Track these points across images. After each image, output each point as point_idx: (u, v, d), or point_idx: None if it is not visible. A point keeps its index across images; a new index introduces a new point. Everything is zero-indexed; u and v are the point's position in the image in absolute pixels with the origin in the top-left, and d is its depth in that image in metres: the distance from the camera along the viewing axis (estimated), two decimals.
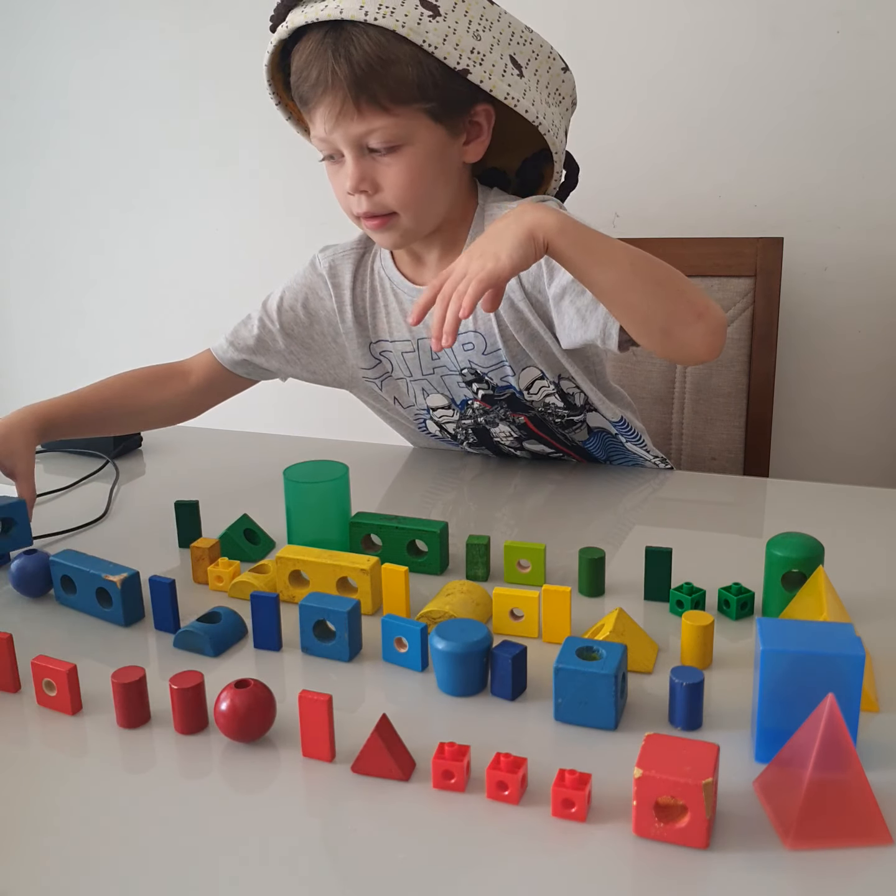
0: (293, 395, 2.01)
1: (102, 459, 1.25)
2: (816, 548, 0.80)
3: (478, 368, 1.14)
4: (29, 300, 2.21)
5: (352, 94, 0.97)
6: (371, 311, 1.20)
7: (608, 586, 0.89)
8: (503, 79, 1.02)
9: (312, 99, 1.01)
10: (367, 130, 1.00)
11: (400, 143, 1.01)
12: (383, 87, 0.97)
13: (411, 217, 1.05)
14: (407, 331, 1.17)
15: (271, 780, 0.65)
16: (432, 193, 1.05)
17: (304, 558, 0.86)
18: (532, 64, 1.06)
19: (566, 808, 0.59)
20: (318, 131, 1.03)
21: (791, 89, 1.53)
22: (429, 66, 0.98)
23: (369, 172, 1.03)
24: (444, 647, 0.71)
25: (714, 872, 0.55)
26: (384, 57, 0.96)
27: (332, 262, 1.21)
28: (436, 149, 1.03)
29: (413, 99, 0.99)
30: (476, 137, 1.07)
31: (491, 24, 1.02)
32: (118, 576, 0.84)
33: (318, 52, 0.98)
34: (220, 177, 1.93)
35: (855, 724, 0.61)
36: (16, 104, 2.04)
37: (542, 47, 1.08)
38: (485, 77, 1.00)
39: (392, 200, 1.04)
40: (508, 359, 1.12)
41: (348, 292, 1.19)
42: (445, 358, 1.16)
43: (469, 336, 1.13)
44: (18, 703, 0.74)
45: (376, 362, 1.21)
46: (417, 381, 1.21)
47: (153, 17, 1.87)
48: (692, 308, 0.93)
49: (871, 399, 1.63)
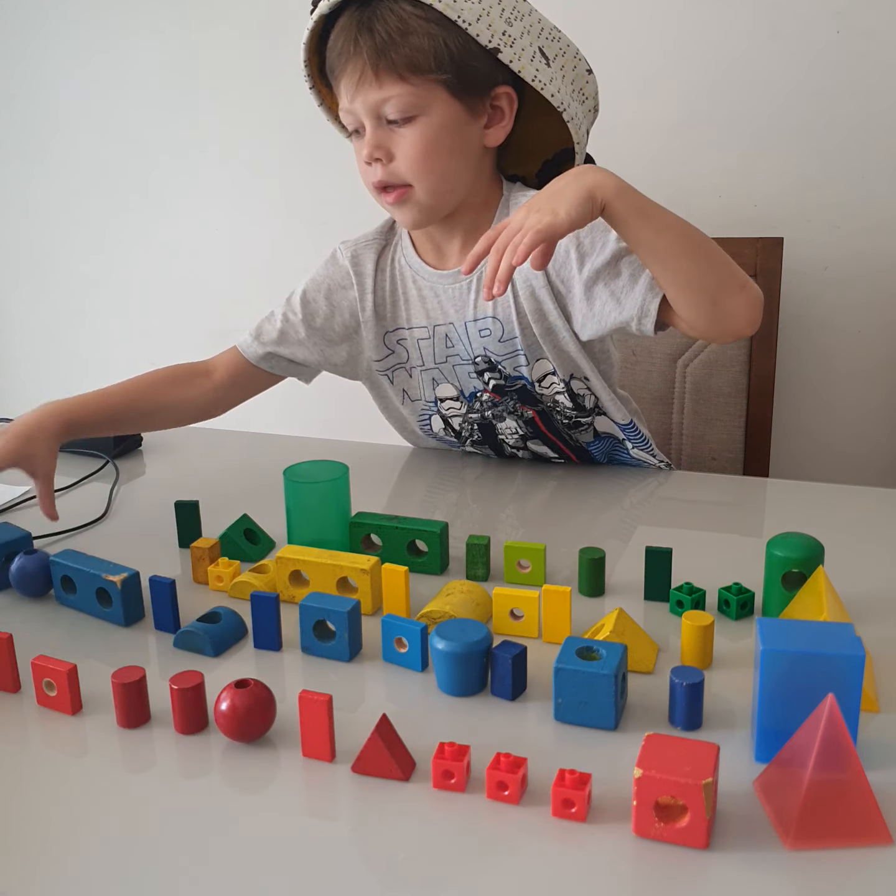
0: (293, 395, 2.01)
1: (102, 459, 1.25)
2: (816, 548, 0.80)
3: (492, 356, 1.15)
4: (29, 300, 2.21)
5: (371, 61, 1.00)
6: (391, 300, 1.21)
7: (608, 586, 0.89)
8: (531, 63, 1.04)
9: (338, 67, 1.04)
10: (383, 98, 1.02)
11: (415, 114, 1.03)
12: (401, 56, 1.00)
13: (425, 189, 1.07)
14: (424, 317, 1.18)
15: (271, 780, 0.65)
16: (447, 167, 1.06)
17: (305, 558, 0.86)
18: (559, 60, 1.09)
19: (566, 808, 0.59)
20: (343, 102, 1.06)
21: (791, 89, 1.53)
22: (448, 40, 1.00)
23: (385, 141, 1.05)
24: (444, 647, 0.71)
25: (714, 872, 0.55)
26: (404, 28, 0.99)
27: (354, 252, 1.22)
28: (451, 123, 1.05)
29: (429, 69, 1.01)
30: (498, 122, 1.08)
31: (522, 16, 1.05)
32: (118, 576, 0.84)
33: (347, 24, 1.02)
34: (220, 177, 1.93)
35: (855, 724, 0.61)
36: (16, 104, 2.04)
37: (570, 47, 1.11)
38: (514, 58, 1.03)
39: (405, 170, 1.06)
40: (524, 347, 1.13)
41: (370, 280, 1.20)
42: (460, 346, 1.17)
43: (487, 322, 1.14)
44: (18, 704, 0.74)
45: (389, 352, 1.22)
46: (428, 371, 1.21)
47: (153, 17, 1.87)
48: (736, 279, 0.96)
49: (871, 399, 1.63)
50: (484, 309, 1.13)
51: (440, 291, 1.16)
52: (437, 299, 1.17)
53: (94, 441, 1.28)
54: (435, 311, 1.17)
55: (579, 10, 1.57)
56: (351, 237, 1.24)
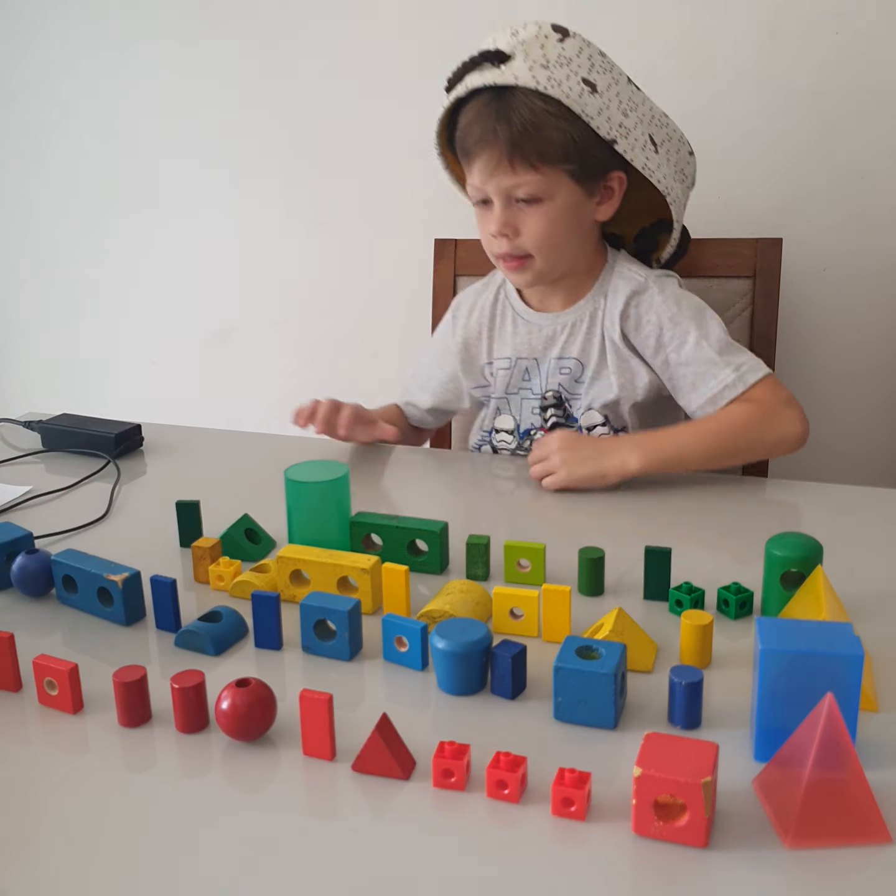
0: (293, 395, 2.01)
1: (104, 459, 1.25)
2: (815, 547, 0.80)
3: (563, 393, 1.28)
4: (29, 300, 2.21)
5: (507, 151, 1.13)
6: (487, 335, 1.33)
7: (608, 586, 0.89)
8: (643, 152, 1.18)
9: (473, 152, 1.16)
10: (516, 184, 1.15)
11: (542, 198, 1.16)
12: (535, 148, 1.13)
13: (544, 261, 1.21)
14: (511, 350, 1.31)
15: (272, 779, 0.65)
16: (565, 242, 1.20)
17: (305, 558, 0.87)
18: (666, 144, 1.23)
19: (566, 807, 0.59)
20: (474, 180, 1.19)
21: (790, 89, 1.53)
22: (575, 134, 1.13)
23: (513, 220, 1.18)
24: (445, 646, 0.71)
25: (713, 871, 0.56)
26: (537, 122, 1.12)
27: (456, 304, 1.39)
28: (572, 205, 1.18)
29: (558, 160, 1.14)
30: (608, 199, 1.22)
31: (636, 106, 1.19)
32: (119, 575, 0.84)
33: (484, 112, 1.14)
34: (220, 177, 1.93)
35: (854, 724, 0.61)
36: (17, 105, 2.04)
37: (675, 132, 1.25)
38: (628, 148, 1.16)
39: (530, 245, 1.19)
40: (588, 392, 1.26)
41: (462, 319, 1.36)
42: (536, 379, 1.30)
43: (570, 362, 1.27)
44: (20, 703, 0.74)
45: (487, 384, 1.35)
46: (497, 399, 1.33)
47: (154, 18, 1.87)
48: (768, 449, 1.14)
49: (871, 399, 1.63)
50: (570, 350, 1.27)
51: (534, 329, 1.29)
52: (529, 336, 1.30)
53: (95, 441, 1.28)
54: (522, 346, 1.30)
55: (579, 11, 1.57)
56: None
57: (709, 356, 1.17)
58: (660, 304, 1.21)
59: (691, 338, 1.18)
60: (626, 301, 1.22)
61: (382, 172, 1.79)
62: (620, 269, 1.26)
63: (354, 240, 1.86)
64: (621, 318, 1.22)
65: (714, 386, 1.17)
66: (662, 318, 1.20)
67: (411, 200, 1.78)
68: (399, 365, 1.86)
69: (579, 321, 1.26)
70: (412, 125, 1.74)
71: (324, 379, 1.96)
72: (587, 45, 1.17)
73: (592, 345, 1.25)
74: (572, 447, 1.11)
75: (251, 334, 2.00)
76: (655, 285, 1.23)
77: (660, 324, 1.20)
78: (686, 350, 1.19)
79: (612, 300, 1.23)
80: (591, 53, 1.16)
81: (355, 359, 1.94)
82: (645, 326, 1.21)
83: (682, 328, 1.19)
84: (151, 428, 1.34)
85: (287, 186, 1.89)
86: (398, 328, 1.85)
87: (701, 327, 1.19)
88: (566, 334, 1.27)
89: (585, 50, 1.16)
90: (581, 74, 1.13)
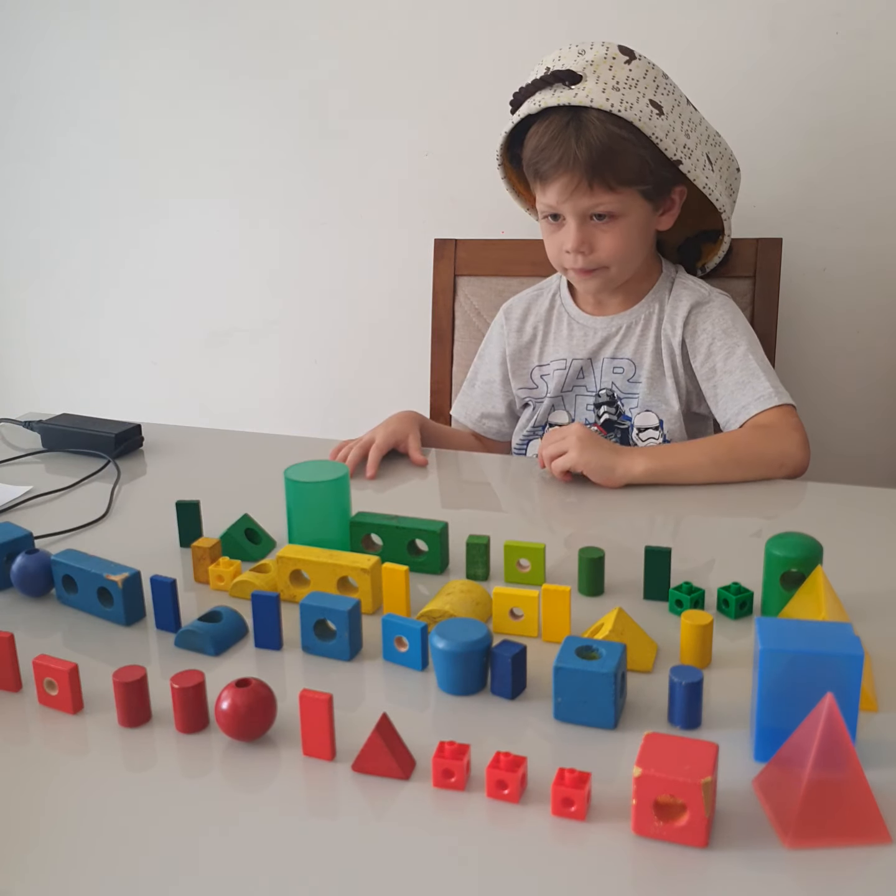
0: (293, 395, 2.02)
1: (104, 459, 1.25)
2: (815, 547, 0.80)
3: (616, 392, 1.34)
4: (29, 300, 2.21)
5: (587, 175, 1.18)
6: (542, 339, 1.39)
7: (608, 586, 0.89)
8: (703, 171, 1.25)
9: (551, 175, 1.21)
10: (594, 204, 1.21)
11: (617, 215, 1.23)
12: (612, 171, 1.19)
13: (616, 271, 1.27)
14: (567, 352, 1.36)
15: (272, 779, 0.65)
16: (635, 254, 1.28)
17: (305, 558, 0.87)
18: (719, 162, 1.31)
19: (566, 807, 0.59)
20: (549, 199, 1.24)
21: (790, 89, 1.53)
22: (646, 156, 1.19)
23: (588, 237, 1.24)
24: (444, 646, 0.71)
25: (713, 871, 0.56)
26: (615, 147, 1.17)
27: (508, 307, 1.43)
28: (643, 220, 1.26)
29: (633, 182, 1.21)
30: (669, 210, 1.29)
31: (695, 126, 1.26)
32: (119, 575, 0.84)
33: (562, 136, 1.18)
34: (220, 177, 1.93)
35: (854, 724, 0.61)
36: (18, 105, 2.04)
37: (726, 150, 1.33)
38: (692, 168, 1.23)
39: (605, 259, 1.25)
40: (642, 392, 1.32)
41: (515, 322, 1.41)
42: (590, 378, 1.35)
43: (623, 362, 1.33)
44: (20, 703, 0.74)
45: (534, 386, 1.40)
46: (551, 398, 1.37)
47: (155, 18, 1.87)
48: (771, 468, 1.14)
49: (871, 399, 1.63)
50: (624, 350, 1.33)
51: (590, 333, 1.35)
52: (585, 338, 1.35)
53: (95, 441, 1.28)
54: (579, 348, 1.35)
55: (579, 11, 1.57)
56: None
57: (753, 369, 1.24)
58: (717, 317, 1.29)
59: (740, 350, 1.25)
60: (688, 309, 1.30)
61: (382, 172, 1.79)
62: (684, 281, 1.34)
63: (354, 240, 1.86)
64: (683, 324, 1.30)
65: (750, 396, 1.22)
66: (717, 330, 1.28)
67: (411, 200, 1.78)
68: (399, 364, 1.86)
69: (634, 323, 1.33)
70: (413, 125, 1.74)
71: (324, 379, 1.96)
72: (652, 67, 1.22)
73: (646, 347, 1.32)
74: (590, 436, 1.13)
75: (251, 334, 2.00)
76: (717, 300, 1.31)
77: (714, 334, 1.28)
78: (733, 360, 1.25)
79: (674, 307, 1.31)
80: (655, 75, 1.22)
81: (355, 359, 1.94)
82: (700, 334, 1.29)
83: (733, 340, 1.26)
84: (151, 428, 1.34)
85: (287, 186, 1.89)
86: (398, 328, 1.85)
87: (751, 343, 1.27)
88: (620, 336, 1.33)
89: (650, 72, 1.21)
90: (648, 96, 1.19)
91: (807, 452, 1.16)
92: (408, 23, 1.69)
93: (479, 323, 1.57)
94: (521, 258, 1.54)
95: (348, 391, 1.96)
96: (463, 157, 1.71)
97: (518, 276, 1.54)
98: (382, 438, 1.23)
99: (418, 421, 1.31)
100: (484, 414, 1.44)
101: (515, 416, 1.44)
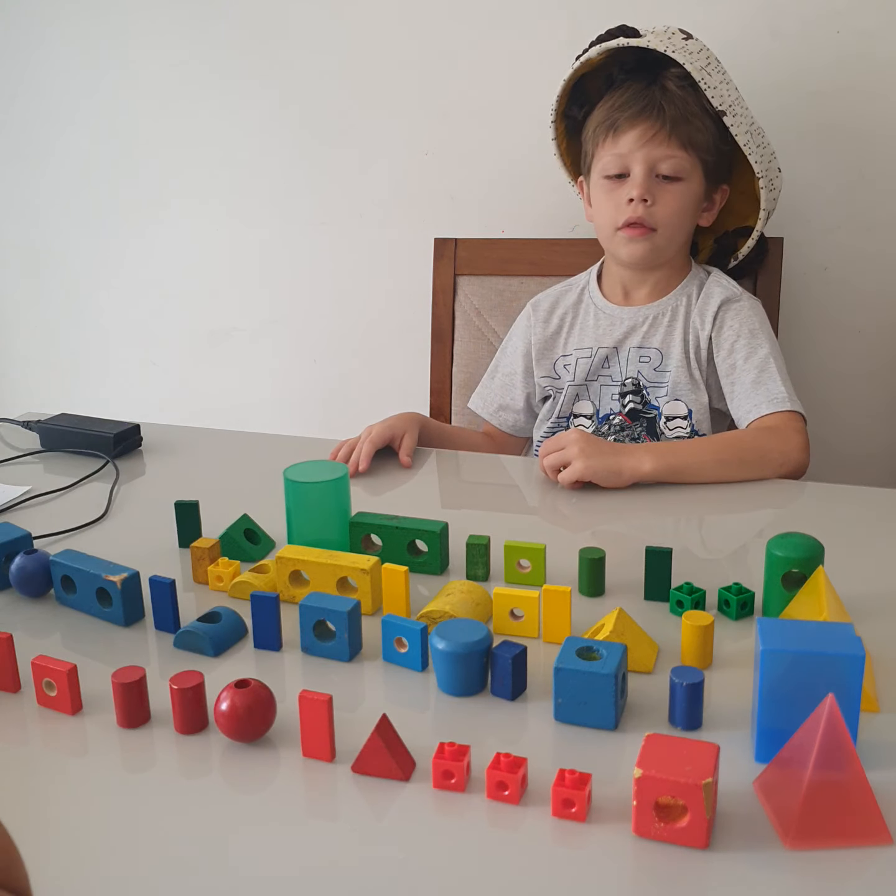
0: (293, 395, 2.01)
1: (103, 459, 1.25)
2: (816, 548, 0.80)
3: (642, 380, 1.35)
4: (29, 300, 2.21)
5: (668, 125, 1.25)
6: (567, 329, 1.40)
7: (608, 586, 0.89)
8: (767, 167, 1.31)
9: (631, 122, 1.26)
10: (667, 155, 1.26)
11: (682, 177, 1.27)
12: (690, 130, 1.26)
13: (664, 238, 1.30)
14: (593, 341, 1.37)
15: (271, 780, 0.65)
16: (684, 226, 1.32)
17: (305, 558, 0.86)
18: (766, 155, 1.34)
19: (566, 808, 0.59)
20: (621, 149, 1.28)
21: (790, 89, 1.52)
22: (713, 132, 1.27)
23: (653, 189, 1.27)
24: (444, 647, 0.71)
25: (714, 872, 0.56)
26: (692, 112, 1.26)
27: (535, 300, 1.44)
28: (697, 196, 1.30)
29: (702, 149, 1.27)
30: (710, 209, 1.35)
31: (745, 111, 1.31)
32: (118, 576, 0.84)
33: (646, 92, 1.27)
34: (219, 177, 1.93)
35: (855, 724, 0.61)
36: (17, 105, 2.04)
37: (769, 145, 1.35)
38: (760, 160, 1.30)
39: (660, 217, 1.28)
40: (670, 381, 1.32)
41: (542, 314, 1.42)
42: (615, 367, 1.36)
43: (651, 351, 1.34)
44: (19, 703, 0.74)
45: (557, 377, 1.40)
46: (576, 386, 1.38)
47: (153, 17, 1.87)
48: (772, 467, 1.15)
49: (871, 399, 1.63)
50: (651, 340, 1.34)
51: (616, 322, 1.36)
52: (612, 328, 1.36)
53: (94, 441, 1.28)
54: (605, 337, 1.36)
55: (579, 11, 1.57)
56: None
57: (772, 372, 1.26)
58: (746, 317, 1.31)
59: (762, 352, 1.27)
60: (719, 304, 1.32)
61: (382, 172, 1.79)
62: (718, 279, 1.36)
63: (354, 239, 1.86)
64: (713, 318, 1.32)
65: (763, 396, 1.24)
66: (744, 329, 1.30)
67: (411, 199, 1.78)
68: (399, 364, 1.86)
69: (661, 314, 1.34)
70: (412, 125, 1.74)
71: (324, 379, 1.96)
72: (706, 48, 1.28)
73: (674, 337, 1.33)
74: (590, 441, 1.12)
75: (251, 334, 2.00)
76: (747, 301, 1.33)
77: (740, 332, 1.30)
78: (754, 360, 1.27)
79: (705, 302, 1.33)
80: (709, 55, 1.27)
81: (355, 358, 1.93)
82: (727, 330, 1.31)
83: (757, 342, 1.29)
84: (150, 428, 1.34)
85: (287, 186, 1.88)
86: (398, 328, 1.85)
87: (773, 348, 1.29)
88: (647, 325, 1.35)
89: (704, 51, 1.27)
90: (702, 66, 1.25)
91: (807, 456, 1.17)
92: (407, 22, 1.69)
93: (479, 322, 1.57)
94: (521, 258, 1.54)
95: (348, 391, 1.95)
96: (463, 157, 1.71)
97: (518, 276, 1.54)
98: (378, 433, 1.23)
99: (419, 422, 1.30)
100: (501, 405, 1.44)
101: (533, 411, 1.44)
